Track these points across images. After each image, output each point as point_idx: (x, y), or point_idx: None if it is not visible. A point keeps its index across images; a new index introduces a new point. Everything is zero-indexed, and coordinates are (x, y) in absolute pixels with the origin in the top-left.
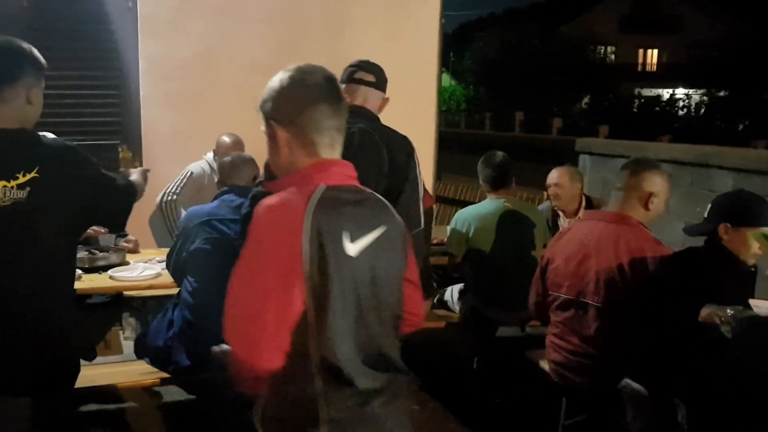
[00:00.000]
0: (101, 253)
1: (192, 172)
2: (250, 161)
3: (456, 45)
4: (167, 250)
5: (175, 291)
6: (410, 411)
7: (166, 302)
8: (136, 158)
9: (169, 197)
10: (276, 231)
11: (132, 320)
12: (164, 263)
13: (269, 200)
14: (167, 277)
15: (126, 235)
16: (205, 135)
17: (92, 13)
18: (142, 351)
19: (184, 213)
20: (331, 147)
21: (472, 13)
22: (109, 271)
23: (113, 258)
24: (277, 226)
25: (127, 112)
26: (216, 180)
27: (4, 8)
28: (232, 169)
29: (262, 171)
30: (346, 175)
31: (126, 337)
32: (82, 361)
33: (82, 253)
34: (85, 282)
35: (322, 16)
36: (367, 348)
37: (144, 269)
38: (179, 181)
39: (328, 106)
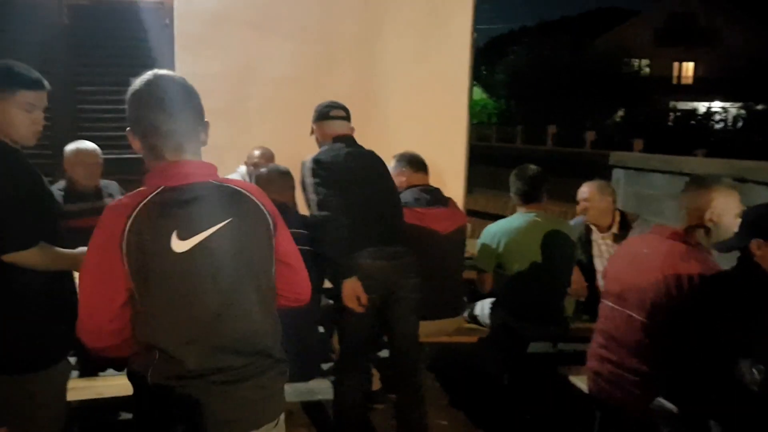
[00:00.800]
0: None
1: None
2: (286, 174)
3: (487, 58)
4: None
5: None
6: (270, 390)
7: None
8: None
9: None
10: (104, 231)
11: None
12: None
13: (111, 202)
14: None
15: None
16: (239, 148)
17: (130, 30)
18: None
19: None
20: (176, 149)
21: (504, 27)
22: None
23: None
24: (105, 227)
25: None
26: None
27: (46, 26)
28: (267, 182)
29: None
30: (187, 174)
31: None
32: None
33: None
34: None
35: (353, 32)
36: (211, 330)
37: None
38: None
39: (165, 113)
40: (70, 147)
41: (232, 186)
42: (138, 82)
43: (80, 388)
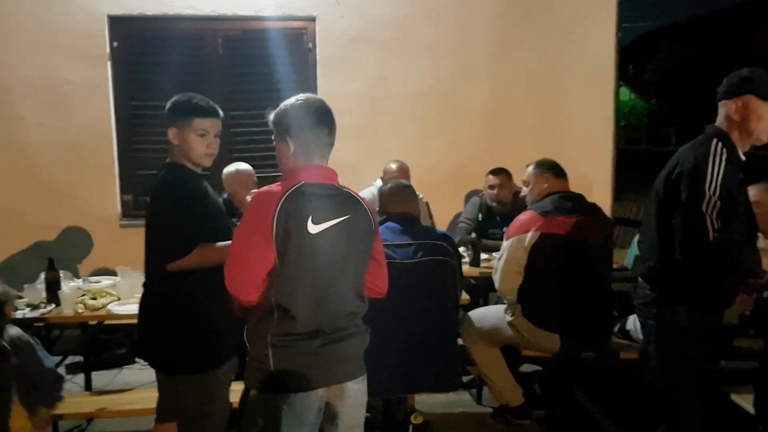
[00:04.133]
0: None
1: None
2: (408, 188)
3: (635, 57)
4: None
5: None
6: (357, 351)
7: None
8: None
9: None
10: (258, 210)
11: None
12: None
13: (262, 189)
14: None
15: None
16: (374, 163)
17: (277, 57)
18: None
19: None
20: (321, 156)
21: (652, 24)
22: None
23: None
24: (259, 207)
25: None
26: (377, 208)
27: (204, 56)
28: (390, 196)
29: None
30: (324, 176)
31: None
32: None
33: None
34: None
35: (488, 42)
36: (322, 299)
37: None
38: None
39: (324, 126)
40: (230, 168)
41: (350, 192)
42: (294, 100)
43: (240, 391)
